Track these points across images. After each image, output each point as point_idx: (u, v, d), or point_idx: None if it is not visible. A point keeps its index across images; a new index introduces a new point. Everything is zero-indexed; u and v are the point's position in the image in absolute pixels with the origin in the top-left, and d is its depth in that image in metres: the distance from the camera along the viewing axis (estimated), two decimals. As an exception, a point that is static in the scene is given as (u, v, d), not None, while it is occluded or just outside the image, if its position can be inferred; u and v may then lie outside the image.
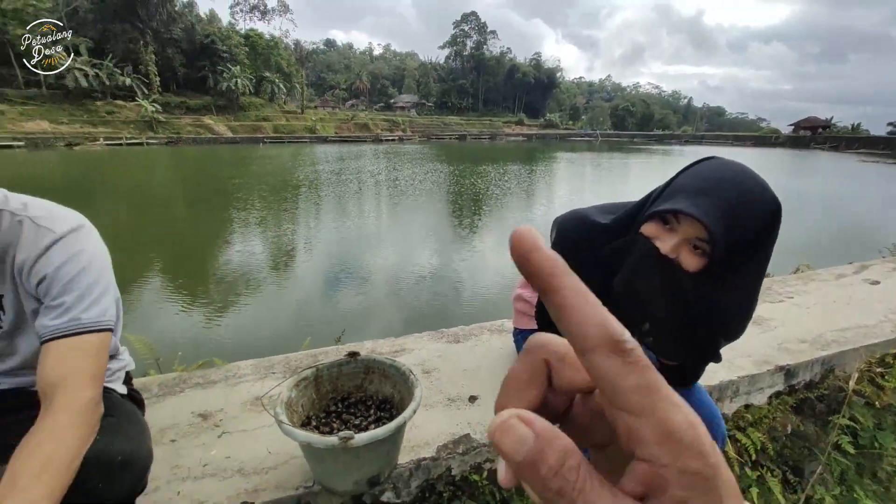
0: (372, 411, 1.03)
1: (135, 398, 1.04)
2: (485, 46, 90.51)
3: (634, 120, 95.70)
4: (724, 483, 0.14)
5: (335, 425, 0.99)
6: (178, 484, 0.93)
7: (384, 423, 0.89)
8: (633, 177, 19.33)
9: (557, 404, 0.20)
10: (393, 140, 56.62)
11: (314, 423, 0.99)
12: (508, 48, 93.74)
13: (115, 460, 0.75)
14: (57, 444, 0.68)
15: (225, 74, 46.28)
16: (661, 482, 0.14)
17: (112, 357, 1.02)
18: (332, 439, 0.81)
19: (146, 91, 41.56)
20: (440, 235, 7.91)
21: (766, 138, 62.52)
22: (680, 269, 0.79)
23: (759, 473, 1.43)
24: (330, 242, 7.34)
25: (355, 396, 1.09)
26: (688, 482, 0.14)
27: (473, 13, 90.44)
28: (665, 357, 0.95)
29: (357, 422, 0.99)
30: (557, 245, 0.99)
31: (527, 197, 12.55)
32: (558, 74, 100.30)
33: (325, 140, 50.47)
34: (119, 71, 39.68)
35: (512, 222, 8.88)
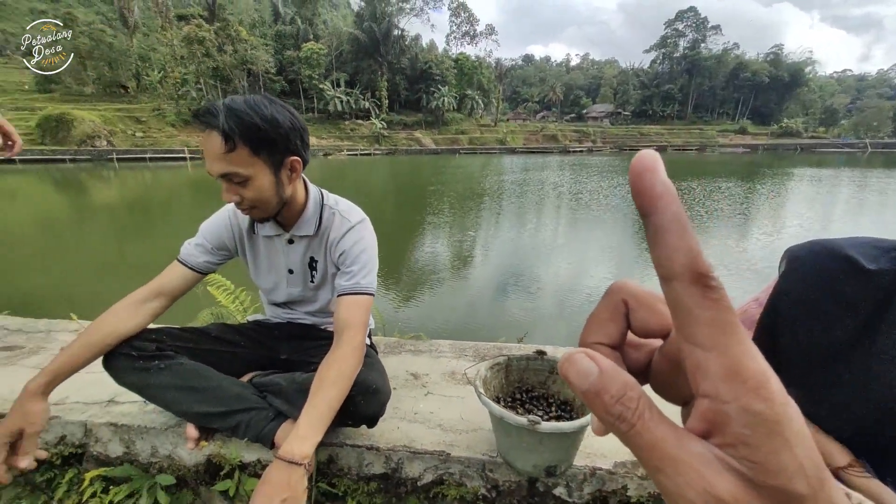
0: (553, 408, 1.12)
1: (374, 349, 1.40)
2: (703, 45, 78.50)
3: (940, 124, 67.54)
4: (796, 433, 0.14)
5: (519, 411, 1.11)
6: (398, 422, 1.21)
7: (564, 422, 0.97)
8: (927, 204, 13.75)
9: (638, 359, 0.21)
10: (581, 151, 54.81)
11: (502, 404, 1.13)
12: (735, 43, 78.81)
13: (371, 387, 1.04)
14: (343, 365, 0.99)
15: (435, 94, 53.22)
16: (722, 419, 0.14)
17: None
18: (522, 419, 0.93)
19: (378, 112, 51.34)
20: (621, 255, 7.35)
21: None
22: None
23: None
24: (513, 250, 7.70)
25: (538, 392, 1.19)
26: (749, 421, 0.14)
27: (691, 9, 79.53)
28: None
29: (540, 414, 1.09)
30: (786, 280, 0.87)
31: (743, 221, 10.39)
32: (807, 69, 78.90)
33: (512, 151, 52.58)
34: (362, 97, 50.17)
35: (716, 248, 7.55)
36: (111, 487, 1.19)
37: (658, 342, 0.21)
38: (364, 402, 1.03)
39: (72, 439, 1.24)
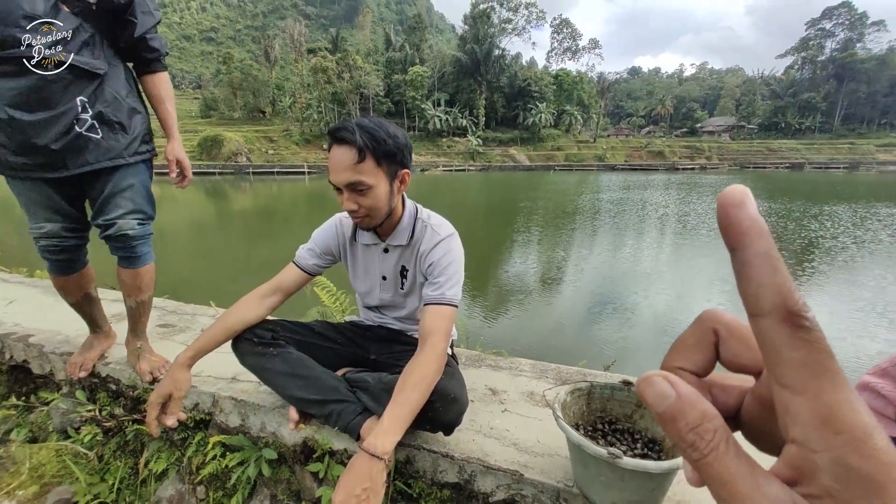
0: (638, 445, 1.04)
1: (455, 359, 1.44)
2: (858, 44, 66.44)
3: None
4: None
5: (599, 442, 1.05)
6: (473, 434, 1.23)
7: (649, 461, 0.89)
8: None
9: (727, 402, 0.20)
10: (692, 169, 49.85)
11: (581, 432, 1.08)
12: (907, 41, 65.11)
13: (450, 395, 1.08)
14: (425, 370, 1.05)
15: (532, 111, 53.00)
16: (810, 468, 0.14)
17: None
18: (602, 450, 0.88)
19: (474, 129, 52.77)
20: (734, 288, 6.44)
21: None
22: None
23: None
24: (606, 274, 7.25)
25: (623, 425, 1.11)
26: (842, 475, 0.13)
27: (844, 3, 67.97)
28: None
29: (623, 448, 1.02)
30: None
31: (909, 255, 8.42)
32: None
33: (612, 168, 49.85)
34: (460, 115, 52.07)
35: (867, 289, 6.22)
36: (227, 453, 1.40)
37: (749, 384, 0.20)
38: (442, 409, 1.07)
39: (203, 407, 1.48)
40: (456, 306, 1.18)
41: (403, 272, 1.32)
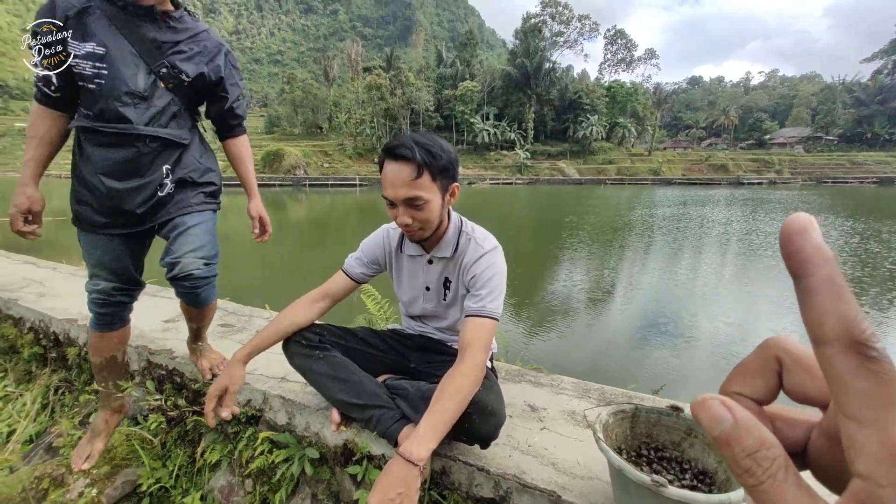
0: (687, 476, 0.97)
1: (495, 373, 1.43)
2: (965, 46, 59.29)
3: None
4: None
5: (644, 469, 1.00)
6: (510, 450, 1.21)
7: (698, 493, 0.84)
8: None
9: (794, 437, 0.19)
10: (759, 183, 46.30)
11: (624, 457, 1.03)
12: None
13: (487, 408, 1.07)
14: (463, 381, 1.05)
15: (583, 124, 51.90)
16: (875, 503, 0.13)
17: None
18: (645, 477, 0.84)
19: (522, 142, 52.52)
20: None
21: None
22: None
23: None
24: (657, 294, 6.86)
25: (670, 453, 1.05)
26: None
27: (947, 2, 61.00)
28: None
29: (669, 478, 0.96)
30: None
31: None
32: None
33: (668, 182, 47.46)
34: (509, 128, 52.11)
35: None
36: (274, 450, 1.47)
37: (816, 418, 0.19)
38: (479, 422, 1.07)
39: (254, 403, 1.57)
40: (497, 319, 1.18)
41: (446, 283, 1.34)
